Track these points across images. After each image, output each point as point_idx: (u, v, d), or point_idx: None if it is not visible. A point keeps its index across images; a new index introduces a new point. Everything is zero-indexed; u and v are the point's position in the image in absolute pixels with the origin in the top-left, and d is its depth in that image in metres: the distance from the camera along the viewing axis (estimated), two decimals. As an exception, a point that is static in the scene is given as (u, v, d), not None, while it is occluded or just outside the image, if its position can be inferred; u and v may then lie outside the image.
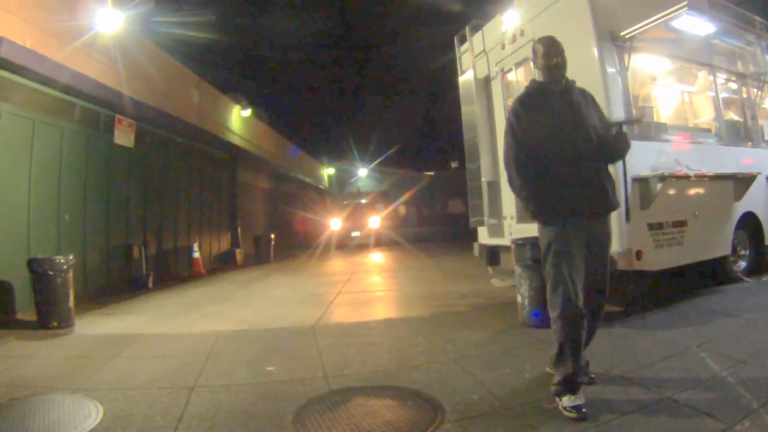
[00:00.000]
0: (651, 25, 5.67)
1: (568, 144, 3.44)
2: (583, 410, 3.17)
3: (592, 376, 3.66)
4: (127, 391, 4.22)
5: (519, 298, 5.72)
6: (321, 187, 39.64)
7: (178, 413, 3.69)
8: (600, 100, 5.61)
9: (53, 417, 3.72)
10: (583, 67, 5.87)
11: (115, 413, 3.74)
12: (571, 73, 6.23)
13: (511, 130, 3.59)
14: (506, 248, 6.93)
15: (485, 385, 3.88)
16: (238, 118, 19.97)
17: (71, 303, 7.19)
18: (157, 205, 13.74)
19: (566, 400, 3.25)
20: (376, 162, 47.13)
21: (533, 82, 3.79)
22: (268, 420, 3.53)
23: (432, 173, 50.70)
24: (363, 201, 28.94)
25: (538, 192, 3.48)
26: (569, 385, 3.28)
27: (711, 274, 6.84)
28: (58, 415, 3.75)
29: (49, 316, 6.97)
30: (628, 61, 5.97)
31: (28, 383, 4.55)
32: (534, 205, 3.51)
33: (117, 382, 4.52)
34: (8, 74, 8.07)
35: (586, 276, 3.46)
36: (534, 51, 3.73)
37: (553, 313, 3.45)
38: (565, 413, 3.20)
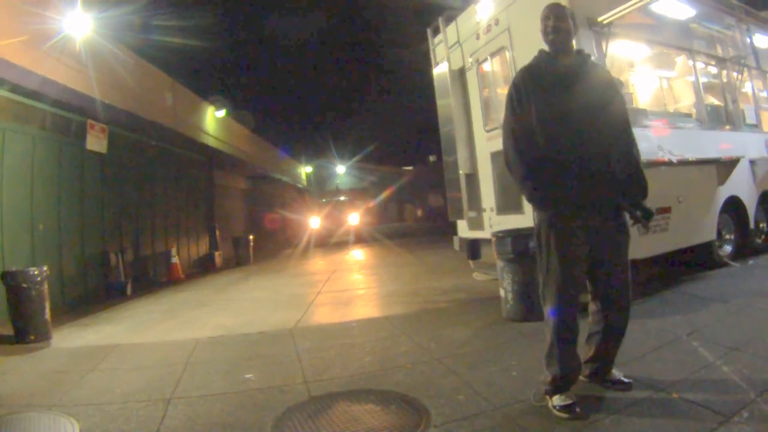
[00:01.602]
0: (629, 10, 5.55)
1: (574, 125, 3.10)
2: (576, 409, 3.00)
3: (627, 380, 3.32)
4: (104, 406, 4.07)
5: (502, 292, 5.60)
6: (299, 185, 39.35)
7: (154, 427, 3.55)
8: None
9: (29, 436, 3.55)
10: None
11: (90, 429, 3.62)
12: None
13: (511, 103, 3.26)
14: (487, 241, 6.80)
15: (471, 384, 3.73)
16: (212, 119, 19.61)
17: (47, 315, 6.98)
18: (133, 211, 13.50)
19: (556, 399, 3.09)
20: (354, 159, 47.00)
21: (540, 52, 3.38)
22: (245, 431, 3.37)
23: (411, 168, 50.68)
24: (342, 198, 28.77)
25: (535, 174, 3.12)
26: (559, 384, 3.11)
27: (696, 260, 6.78)
28: (33, 434, 3.59)
29: (26, 330, 6.76)
30: (606, 48, 5.85)
31: (4, 401, 4.37)
32: (529, 189, 3.16)
33: (94, 396, 4.36)
34: None
35: (597, 289, 3.26)
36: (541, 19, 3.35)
37: (545, 308, 3.23)
38: (555, 413, 3.04)
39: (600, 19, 5.71)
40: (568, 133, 3.10)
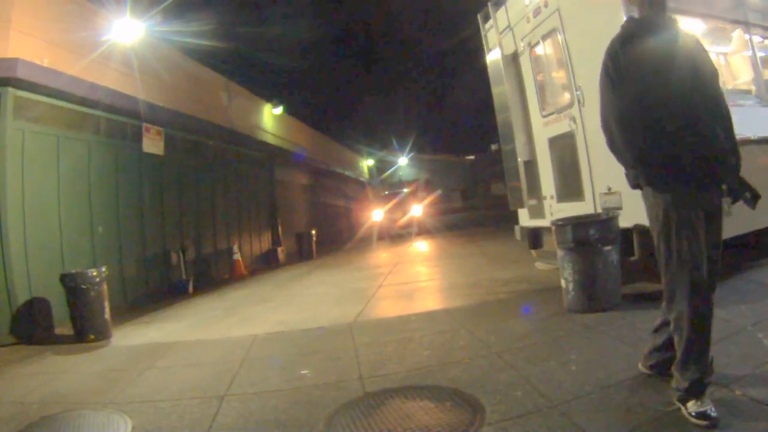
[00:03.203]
0: None
1: (680, 95, 2.81)
2: (713, 415, 2.64)
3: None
4: (158, 403, 4.18)
5: (563, 283, 5.42)
6: (361, 179, 39.60)
7: (206, 425, 3.62)
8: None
9: (81, 433, 3.70)
10: (612, 34, 5.51)
11: (143, 426, 3.71)
12: (600, 40, 5.88)
13: (609, 80, 2.97)
14: (548, 230, 6.63)
15: (529, 379, 3.64)
16: (270, 116, 19.97)
17: (107, 315, 7.30)
18: (193, 210, 13.85)
19: (692, 406, 2.72)
20: (415, 150, 46.85)
21: (630, 19, 3.14)
22: (298, 428, 3.40)
23: (472, 157, 50.09)
24: (404, 190, 28.72)
25: (648, 152, 2.83)
26: (697, 389, 2.74)
27: (764, 246, 6.35)
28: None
29: (86, 330, 7.08)
30: None
31: (61, 399, 4.57)
32: (647, 170, 2.86)
33: (149, 393, 4.49)
34: (27, 94, 8.18)
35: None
36: None
37: (677, 303, 2.83)
38: (693, 421, 2.68)
39: None
40: (677, 106, 2.83)
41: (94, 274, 7.23)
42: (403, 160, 48.55)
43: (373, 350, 5.04)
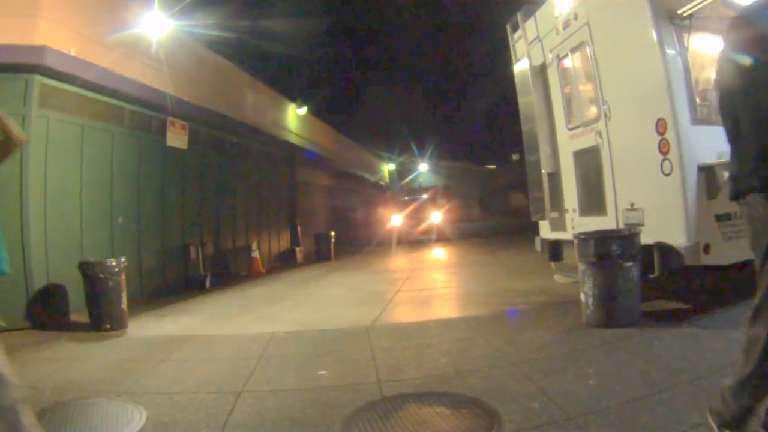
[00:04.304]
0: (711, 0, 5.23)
1: None
2: None
3: None
4: (174, 396, 4.20)
5: (582, 297, 5.43)
6: (382, 183, 39.65)
7: (222, 420, 3.63)
8: (660, 83, 5.29)
9: (95, 421, 3.72)
10: (642, 49, 5.54)
11: (158, 418, 3.71)
12: (628, 55, 5.88)
13: (752, 56, 2.33)
14: (569, 243, 6.64)
15: (546, 391, 3.65)
16: (294, 116, 20.13)
17: (124, 305, 7.35)
18: (214, 205, 13.94)
19: None
20: (435, 156, 46.76)
21: (753, 3, 2.54)
22: (314, 428, 3.42)
23: (493, 166, 49.85)
24: (424, 196, 28.72)
25: None
26: (744, 417, 2.44)
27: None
28: (99, 420, 3.75)
29: (102, 319, 7.12)
30: (688, 42, 5.54)
31: (75, 386, 4.61)
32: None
33: (164, 386, 4.51)
34: (53, 82, 8.30)
35: None
36: None
37: (762, 322, 2.34)
38: None
39: (680, 11, 5.39)
40: None
41: (113, 263, 7.29)
42: (423, 166, 48.50)
43: (391, 354, 5.07)
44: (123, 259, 7.48)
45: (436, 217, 24.99)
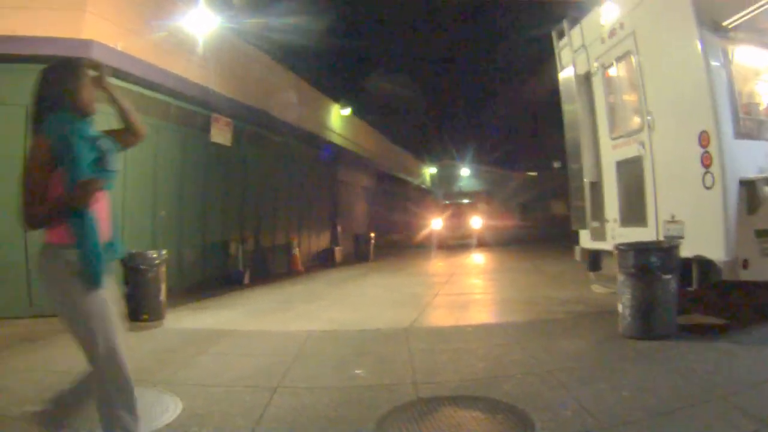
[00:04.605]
0: (758, 11, 5.17)
1: None
2: None
3: None
4: (210, 388, 4.29)
5: (620, 307, 5.42)
6: (423, 186, 39.71)
7: (257, 414, 3.70)
8: (704, 96, 5.25)
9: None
10: (686, 61, 5.51)
11: (194, 410, 3.77)
12: (673, 67, 5.82)
13: None
14: (609, 253, 6.63)
15: (580, 400, 3.70)
16: (338, 117, 20.34)
17: (162, 297, 7.44)
18: (255, 203, 14.12)
19: None
20: (478, 162, 46.60)
21: None
22: (348, 427, 3.49)
23: (535, 173, 49.34)
24: (465, 201, 28.62)
25: None
26: None
27: None
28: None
29: (140, 309, 7.16)
30: (733, 54, 5.48)
31: None
32: None
33: (201, 378, 4.61)
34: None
35: None
36: None
37: None
38: None
39: (725, 23, 5.34)
40: None
41: (154, 255, 7.40)
42: (464, 171, 48.35)
43: (428, 357, 5.16)
44: (164, 252, 7.61)
45: (477, 222, 24.86)
